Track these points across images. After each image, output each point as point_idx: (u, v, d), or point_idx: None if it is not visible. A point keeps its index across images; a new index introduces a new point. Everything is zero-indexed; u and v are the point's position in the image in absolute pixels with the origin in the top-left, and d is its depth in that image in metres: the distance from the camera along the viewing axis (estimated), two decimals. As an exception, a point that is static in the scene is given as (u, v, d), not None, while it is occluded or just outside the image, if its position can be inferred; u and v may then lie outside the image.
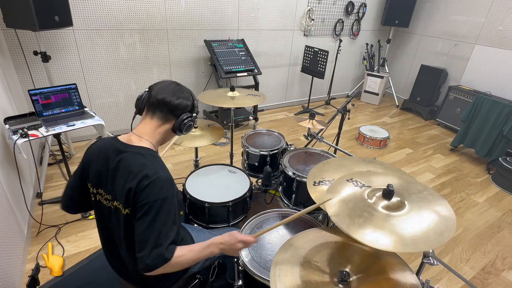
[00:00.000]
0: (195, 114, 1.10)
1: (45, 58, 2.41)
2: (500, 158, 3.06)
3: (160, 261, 0.89)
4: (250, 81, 3.89)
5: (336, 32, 4.63)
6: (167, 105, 1.03)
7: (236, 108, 3.45)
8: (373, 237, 0.88)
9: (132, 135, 1.03)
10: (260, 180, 2.09)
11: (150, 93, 1.05)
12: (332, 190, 1.09)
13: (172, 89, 1.06)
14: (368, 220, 0.94)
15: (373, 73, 4.93)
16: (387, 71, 5.26)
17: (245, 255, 1.20)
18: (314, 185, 1.33)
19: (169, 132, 1.08)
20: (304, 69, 4.47)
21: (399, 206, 1.00)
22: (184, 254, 0.95)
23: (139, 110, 1.08)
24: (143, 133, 1.03)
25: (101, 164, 1.01)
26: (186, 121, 1.07)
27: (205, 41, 3.50)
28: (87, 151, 1.08)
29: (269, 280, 0.94)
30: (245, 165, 2.13)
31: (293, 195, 1.78)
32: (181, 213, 1.09)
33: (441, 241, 0.89)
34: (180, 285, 1.24)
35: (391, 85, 5.18)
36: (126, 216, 0.97)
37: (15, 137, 1.79)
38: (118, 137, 1.04)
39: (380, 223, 0.93)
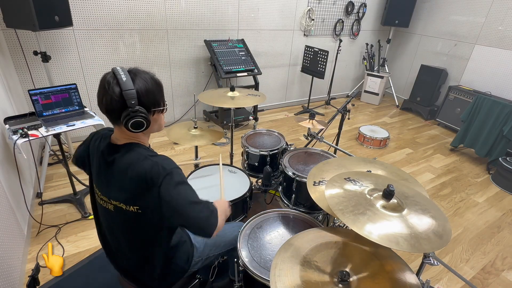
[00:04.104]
0: (130, 109, 0.89)
1: (45, 58, 2.41)
2: (500, 158, 3.06)
3: (212, 223, 0.97)
4: (250, 81, 3.89)
5: (336, 32, 4.63)
6: (104, 111, 0.94)
7: (236, 108, 3.45)
8: (379, 234, 0.88)
9: (115, 137, 1.01)
10: (260, 180, 2.09)
11: None
12: (330, 185, 1.09)
13: (100, 90, 0.92)
14: (372, 218, 0.94)
15: (373, 73, 4.93)
16: (387, 71, 5.26)
17: (245, 255, 1.20)
18: (314, 185, 1.33)
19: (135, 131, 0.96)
20: (304, 69, 4.47)
21: (398, 208, 1.00)
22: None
23: None
24: (118, 137, 1.00)
25: (97, 164, 1.02)
26: (125, 120, 0.91)
27: (205, 41, 3.50)
28: (90, 144, 1.08)
29: (269, 280, 0.94)
30: (245, 165, 2.13)
31: (293, 195, 1.78)
32: None
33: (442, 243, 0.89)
34: (180, 285, 1.24)
35: (391, 85, 5.18)
36: (132, 213, 0.96)
37: (15, 137, 1.79)
38: (111, 135, 1.03)
39: (384, 220, 0.93)
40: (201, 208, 0.96)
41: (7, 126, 1.92)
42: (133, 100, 0.89)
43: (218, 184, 1.74)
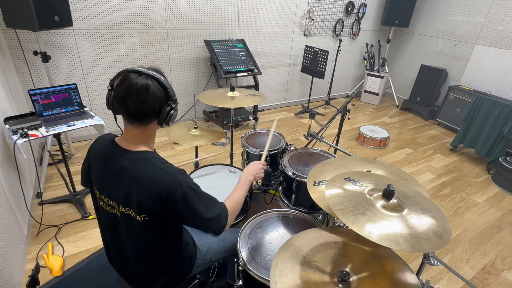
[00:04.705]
0: (174, 105, 0.99)
1: (45, 58, 2.41)
2: (500, 158, 3.05)
3: (222, 224, 1.04)
4: (250, 81, 3.89)
5: (336, 32, 4.63)
6: (140, 114, 0.94)
7: (236, 108, 3.45)
8: (379, 234, 0.88)
9: (124, 141, 1.00)
10: (260, 180, 2.09)
11: (115, 97, 0.94)
12: (331, 185, 1.09)
13: (135, 93, 0.90)
14: (372, 218, 0.94)
15: (373, 73, 4.93)
16: (387, 71, 5.26)
17: (245, 255, 1.20)
18: (314, 185, 1.33)
19: (156, 127, 1.02)
20: (304, 69, 4.47)
21: (398, 208, 1.00)
22: (232, 205, 1.11)
23: (114, 112, 0.99)
24: (132, 140, 0.99)
25: (102, 169, 1.00)
26: (168, 115, 0.98)
27: (205, 41, 3.50)
28: (89, 152, 1.08)
29: (269, 280, 0.94)
30: (245, 165, 2.13)
31: (293, 195, 1.77)
32: None
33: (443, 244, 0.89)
34: (180, 285, 1.24)
35: (391, 85, 5.18)
36: (140, 222, 0.96)
37: (15, 137, 1.79)
38: (116, 139, 1.02)
39: (384, 220, 0.93)
40: (216, 220, 1.02)
41: (7, 126, 1.92)
42: (175, 96, 1.00)
43: (219, 184, 1.74)
